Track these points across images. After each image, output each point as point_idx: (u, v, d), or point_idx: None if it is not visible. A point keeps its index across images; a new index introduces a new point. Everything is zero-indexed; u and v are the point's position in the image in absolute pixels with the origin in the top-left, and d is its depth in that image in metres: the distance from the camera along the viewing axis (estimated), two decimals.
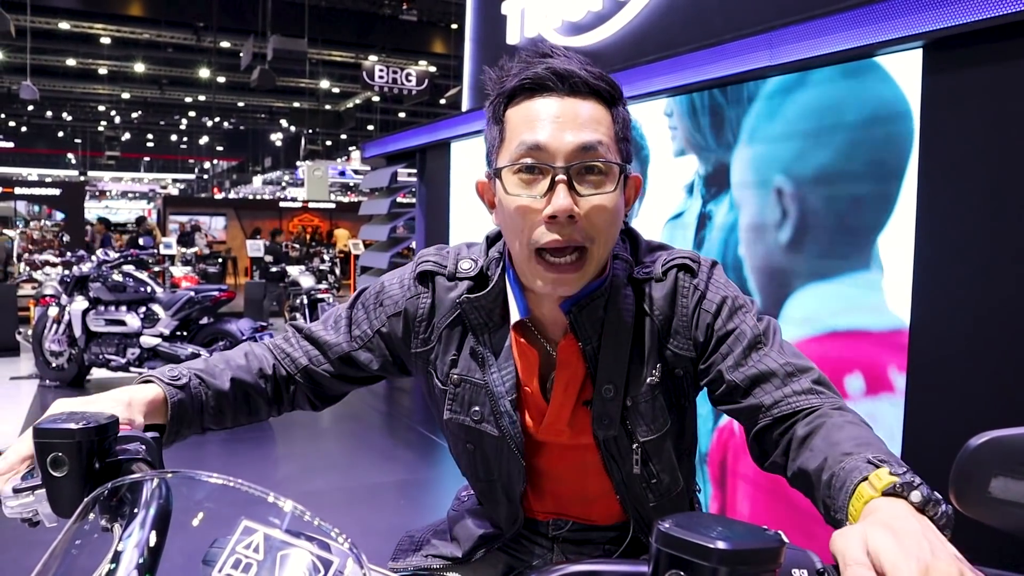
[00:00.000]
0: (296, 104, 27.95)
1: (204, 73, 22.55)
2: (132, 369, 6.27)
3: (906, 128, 2.58)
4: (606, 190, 1.00)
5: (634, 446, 1.10)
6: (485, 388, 1.13)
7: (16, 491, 0.84)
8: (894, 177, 2.60)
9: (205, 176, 42.69)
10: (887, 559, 0.60)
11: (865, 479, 0.74)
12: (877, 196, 2.66)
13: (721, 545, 0.54)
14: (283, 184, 35.61)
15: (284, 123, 33.37)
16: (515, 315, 1.10)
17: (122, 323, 6.32)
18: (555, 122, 0.99)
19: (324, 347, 1.19)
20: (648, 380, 1.08)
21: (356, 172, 27.92)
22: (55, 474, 0.80)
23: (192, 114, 33.11)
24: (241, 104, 29.66)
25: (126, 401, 0.96)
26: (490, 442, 1.15)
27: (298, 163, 29.25)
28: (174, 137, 40.54)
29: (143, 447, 0.86)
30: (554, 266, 1.00)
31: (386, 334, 1.18)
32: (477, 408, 1.14)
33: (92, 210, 27.77)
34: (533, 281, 1.04)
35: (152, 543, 0.66)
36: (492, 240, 1.18)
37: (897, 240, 2.59)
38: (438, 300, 1.15)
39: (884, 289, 2.64)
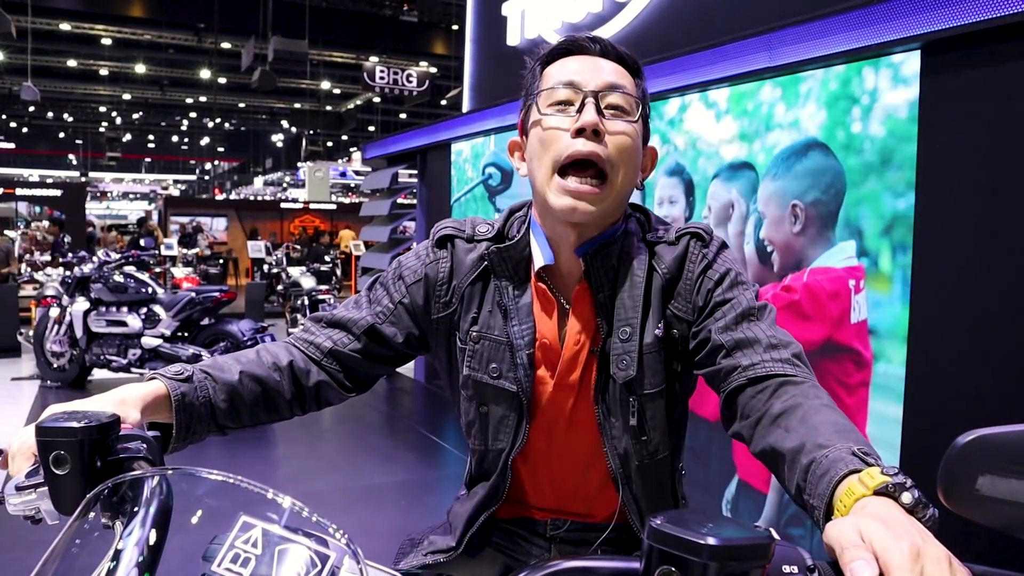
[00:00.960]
0: (297, 105, 27.98)
1: (205, 74, 22.56)
2: (133, 370, 6.28)
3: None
4: (630, 119, 1.09)
5: (631, 399, 1.13)
6: (505, 343, 1.16)
7: (19, 489, 0.85)
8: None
9: (206, 177, 42.72)
10: (879, 543, 0.61)
11: (852, 473, 0.76)
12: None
13: (711, 541, 0.55)
14: (284, 185, 35.59)
15: (285, 124, 33.41)
16: (539, 261, 1.15)
17: (123, 324, 6.33)
18: (587, 67, 1.11)
19: (348, 325, 1.21)
20: (655, 332, 1.13)
21: (357, 173, 27.92)
22: (57, 472, 0.80)
23: (193, 115, 33.15)
24: (242, 105, 29.67)
25: (119, 399, 0.96)
26: (504, 400, 1.18)
27: (299, 164, 29.26)
28: (175, 138, 40.57)
29: (144, 445, 0.86)
30: (575, 184, 1.07)
31: (408, 305, 1.21)
32: (495, 365, 1.17)
33: (93, 211, 27.83)
34: (554, 201, 1.09)
35: (152, 540, 0.67)
36: (514, 210, 1.23)
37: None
38: (457, 262, 1.20)
39: None
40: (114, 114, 33.11)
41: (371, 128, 30.55)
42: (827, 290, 2.87)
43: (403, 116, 29.06)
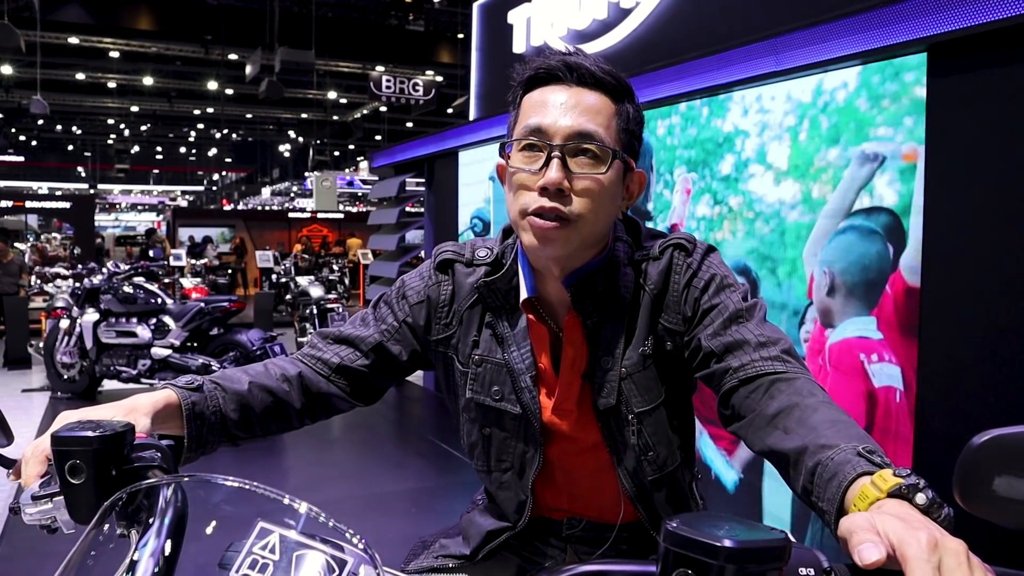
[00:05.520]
0: (304, 115, 28.07)
1: (212, 85, 22.66)
2: (143, 380, 6.30)
3: None
4: (598, 172, 1.06)
5: (630, 417, 1.14)
6: (505, 367, 1.17)
7: (35, 498, 0.85)
8: None
9: (214, 188, 42.91)
10: (895, 536, 0.61)
11: (862, 475, 0.75)
12: None
13: (728, 543, 0.54)
14: (292, 195, 35.75)
15: (292, 134, 33.51)
16: (524, 294, 1.16)
17: (133, 334, 6.35)
18: (559, 108, 1.07)
19: (356, 342, 1.22)
20: (641, 351, 1.13)
21: (364, 182, 28.00)
22: (73, 481, 0.81)
23: (201, 126, 33.27)
24: (249, 116, 29.75)
25: (130, 407, 0.97)
26: (508, 423, 1.19)
27: (306, 174, 29.36)
28: (183, 149, 40.78)
29: (159, 454, 0.87)
30: (541, 223, 1.06)
31: (411, 324, 1.23)
32: (497, 388, 1.18)
33: (102, 223, 27.98)
34: (524, 239, 1.09)
35: (168, 550, 0.67)
36: (508, 231, 1.23)
37: None
38: (458, 285, 1.22)
39: None
40: (122, 126, 33.29)
41: (378, 137, 30.58)
42: None
43: (409, 125, 29.07)
